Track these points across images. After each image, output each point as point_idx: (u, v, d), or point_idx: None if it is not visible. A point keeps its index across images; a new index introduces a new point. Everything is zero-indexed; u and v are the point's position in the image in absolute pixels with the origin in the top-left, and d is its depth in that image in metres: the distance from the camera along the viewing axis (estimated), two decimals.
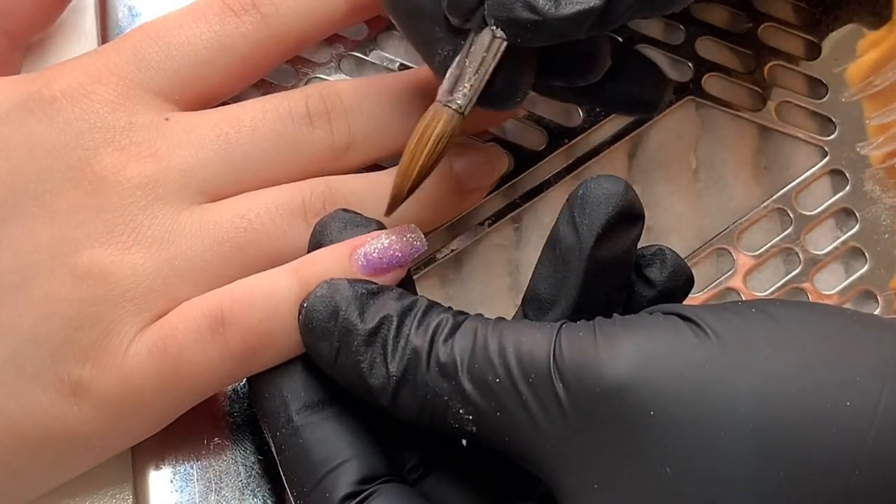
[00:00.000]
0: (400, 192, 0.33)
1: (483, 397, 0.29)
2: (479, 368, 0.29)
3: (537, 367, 0.29)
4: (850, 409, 0.27)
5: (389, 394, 0.30)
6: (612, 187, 0.31)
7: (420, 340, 0.30)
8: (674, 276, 0.33)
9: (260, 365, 0.33)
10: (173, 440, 0.36)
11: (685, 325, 0.29)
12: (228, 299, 0.33)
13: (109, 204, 0.34)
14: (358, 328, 0.31)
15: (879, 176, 0.41)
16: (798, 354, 0.28)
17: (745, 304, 0.30)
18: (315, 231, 0.34)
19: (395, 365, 0.30)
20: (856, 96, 0.42)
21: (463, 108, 0.33)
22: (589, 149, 0.41)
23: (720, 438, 0.27)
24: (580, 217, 0.31)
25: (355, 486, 0.31)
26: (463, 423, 0.30)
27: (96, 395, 0.33)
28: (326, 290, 0.32)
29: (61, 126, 0.34)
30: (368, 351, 0.31)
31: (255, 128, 0.36)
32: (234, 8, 0.36)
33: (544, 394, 0.28)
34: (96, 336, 0.33)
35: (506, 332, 0.30)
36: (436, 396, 0.30)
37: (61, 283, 0.33)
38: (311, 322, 0.31)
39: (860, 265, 0.41)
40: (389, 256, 0.33)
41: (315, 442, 0.32)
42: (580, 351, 0.28)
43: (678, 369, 0.27)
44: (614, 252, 0.32)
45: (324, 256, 0.33)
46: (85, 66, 0.35)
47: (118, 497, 0.36)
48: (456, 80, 0.33)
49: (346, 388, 0.31)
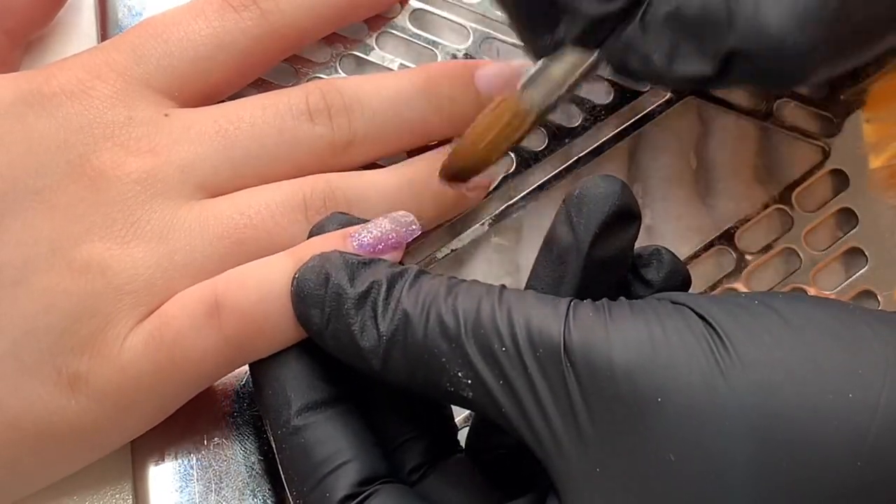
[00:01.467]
0: (469, 161, 0.34)
1: (486, 363, 0.29)
2: (485, 334, 0.29)
3: (546, 341, 0.29)
4: (852, 401, 0.27)
5: (380, 355, 0.30)
6: (609, 187, 0.31)
7: (411, 302, 0.30)
8: (670, 276, 0.33)
9: (256, 350, 0.33)
10: (173, 440, 0.36)
11: (694, 315, 0.29)
12: (223, 284, 0.33)
13: (108, 198, 0.34)
14: (348, 292, 0.31)
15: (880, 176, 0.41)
16: (801, 347, 0.28)
17: (750, 297, 0.30)
18: (312, 233, 0.34)
19: (385, 325, 0.30)
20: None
21: (540, 111, 0.33)
22: (589, 149, 0.41)
23: (723, 428, 0.27)
24: (577, 217, 0.31)
25: (355, 488, 0.31)
26: (459, 388, 0.30)
27: (94, 388, 0.33)
28: (318, 261, 0.32)
29: (61, 121, 0.34)
30: (359, 314, 0.31)
31: (255, 124, 0.36)
32: (234, 4, 0.36)
33: (551, 369, 0.28)
34: (94, 328, 0.33)
35: (514, 303, 0.30)
36: (433, 357, 0.30)
37: (60, 277, 0.33)
38: (302, 291, 0.32)
39: (860, 265, 0.41)
40: (383, 239, 0.33)
41: (316, 442, 0.32)
42: (591, 333, 0.28)
43: (686, 359, 0.27)
44: (611, 252, 0.32)
45: (318, 241, 0.33)
46: (84, 63, 0.36)
47: (118, 497, 0.36)
48: (539, 76, 0.33)
49: (337, 355, 0.31)
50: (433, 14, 0.41)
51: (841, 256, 0.41)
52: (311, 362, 0.33)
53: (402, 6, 0.40)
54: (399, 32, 0.40)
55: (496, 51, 0.41)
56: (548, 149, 0.40)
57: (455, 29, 0.41)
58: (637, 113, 0.41)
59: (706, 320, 0.28)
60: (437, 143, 0.39)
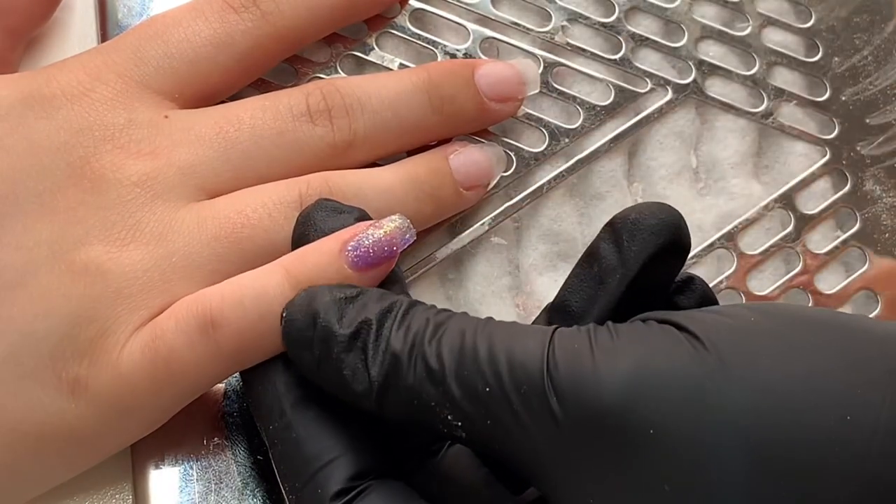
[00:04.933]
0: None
1: (472, 405, 0.29)
2: (469, 375, 0.29)
3: (530, 377, 0.28)
4: (851, 423, 0.26)
5: (374, 399, 0.30)
6: (667, 218, 0.31)
7: (400, 344, 0.30)
8: (701, 304, 0.33)
9: (251, 362, 0.33)
10: (173, 440, 0.36)
11: (682, 336, 0.28)
12: (218, 300, 0.32)
13: (108, 201, 0.34)
14: (337, 334, 0.30)
15: (879, 175, 0.41)
16: (797, 367, 0.27)
17: (743, 310, 0.29)
18: (298, 221, 0.34)
19: (376, 370, 0.30)
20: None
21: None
22: (589, 149, 0.41)
23: (719, 455, 0.26)
24: (628, 242, 0.31)
25: (347, 483, 0.30)
26: (452, 429, 0.29)
27: (93, 393, 0.33)
28: (304, 298, 0.31)
29: (61, 124, 0.34)
30: (349, 357, 0.30)
31: (255, 125, 0.36)
32: (234, 5, 0.36)
33: (537, 406, 0.28)
34: (93, 334, 0.33)
35: (495, 337, 0.29)
36: (422, 401, 0.29)
37: (60, 280, 0.33)
38: (291, 332, 0.31)
39: (860, 265, 0.41)
40: (380, 248, 0.32)
41: (308, 437, 0.31)
42: (576, 364, 0.28)
43: (677, 386, 0.27)
44: (654, 281, 0.31)
45: (313, 254, 0.33)
46: (84, 64, 0.35)
47: (118, 497, 0.36)
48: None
49: (333, 393, 0.31)
50: (433, 14, 0.41)
51: (841, 256, 0.41)
52: None
53: (402, 6, 0.40)
54: (399, 32, 0.40)
55: (496, 51, 0.41)
56: (548, 149, 0.40)
57: (455, 29, 0.41)
58: (637, 113, 0.41)
59: (699, 338, 0.28)
60: (436, 143, 0.39)
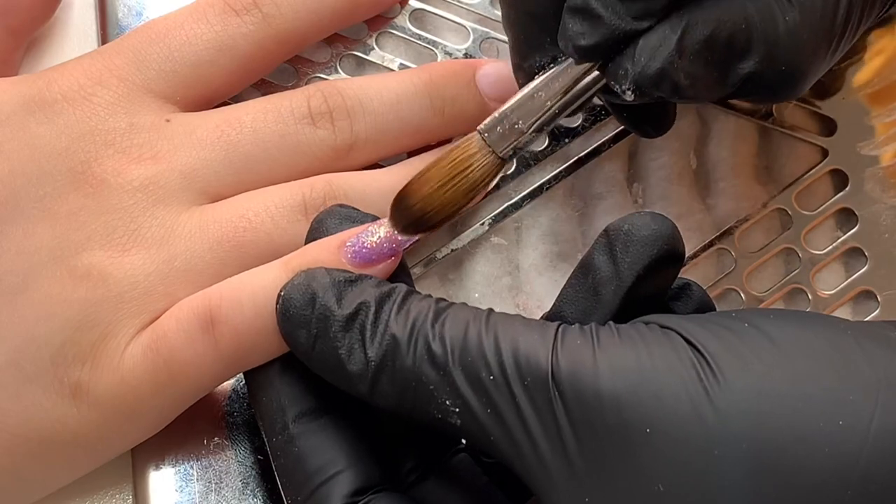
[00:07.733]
0: (423, 216, 0.32)
1: (474, 392, 0.29)
2: (473, 362, 0.29)
3: (534, 371, 0.28)
4: (843, 428, 0.26)
5: (368, 380, 0.30)
6: (660, 228, 0.31)
7: (400, 326, 0.30)
8: (699, 310, 0.33)
9: (252, 362, 0.33)
10: (173, 440, 0.36)
11: (681, 340, 0.28)
12: (217, 298, 0.33)
13: (110, 206, 0.34)
14: (335, 314, 0.30)
15: (879, 176, 0.41)
16: (790, 372, 0.27)
17: (739, 318, 0.29)
18: (312, 227, 0.34)
19: (373, 350, 0.30)
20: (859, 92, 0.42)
21: (508, 153, 0.32)
22: (589, 149, 0.41)
23: (713, 457, 0.26)
24: (622, 253, 0.31)
25: (349, 498, 0.31)
26: (447, 415, 0.29)
27: (95, 397, 0.33)
28: (303, 279, 0.31)
29: (62, 128, 0.34)
30: (346, 337, 0.30)
31: (257, 128, 0.36)
32: (236, 7, 0.36)
33: (539, 398, 0.28)
34: (95, 338, 0.33)
35: (502, 329, 0.29)
36: (421, 384, 0.29)
37: (61, 285, 0.33)
38: (287, 310, 0.31)
39: (860, 265, 0.41)
40: (379, 247, 0.32)
41: (310, 450, 0.31)
42: (579, 361, 0.28)
43: (674, 388, 0.27)
44: (650, 291, 0.32)
45: (313, 249, 0.33)
46: (85, 68, 0.35)
47: (118, 497, 0.36)
48: (528, 102, 0.32)
49: (324, 376, 0.31)
50: (433, 14, 0.41)
51: (841, 256, 0.41)
52: (305, 369, 0.32)
53: (402, 6, 0.40)
54: (399, 32, 0.40)
55: (496, 51, 0.41)
56: (548, 149, 0.40)
57: (455, 29, 0.41)
58: None
59: (694, 346, 0.28)
60: (437, 143, 0.39)
